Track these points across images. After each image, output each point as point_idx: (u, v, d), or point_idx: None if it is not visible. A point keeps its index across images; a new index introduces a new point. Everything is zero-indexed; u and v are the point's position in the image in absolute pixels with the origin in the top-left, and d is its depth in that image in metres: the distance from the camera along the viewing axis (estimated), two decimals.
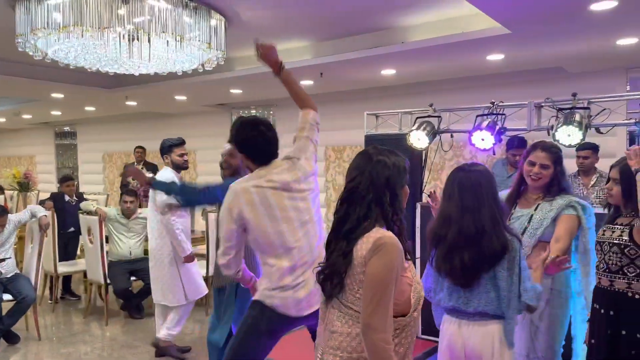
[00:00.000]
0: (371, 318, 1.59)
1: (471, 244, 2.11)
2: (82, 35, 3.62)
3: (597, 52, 4.61)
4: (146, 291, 5.45)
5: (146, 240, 5.70)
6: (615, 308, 2.32)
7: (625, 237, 2.33)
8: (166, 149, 4.22)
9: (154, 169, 7.26)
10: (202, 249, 5.76)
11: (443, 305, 2.28)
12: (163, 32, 3.77)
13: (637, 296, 2.26)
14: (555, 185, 2.71)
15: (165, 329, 4.31)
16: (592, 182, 4.78)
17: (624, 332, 2.26)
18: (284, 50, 5.31)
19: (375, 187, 1.71)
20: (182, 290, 4.25)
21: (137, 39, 3.81)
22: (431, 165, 5.31)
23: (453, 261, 2.14)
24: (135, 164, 7.68)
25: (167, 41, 3.82)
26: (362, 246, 1.66)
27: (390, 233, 1.68)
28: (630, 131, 5.15)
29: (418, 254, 4.63)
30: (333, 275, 1.71)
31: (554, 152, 2.73)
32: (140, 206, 5.77)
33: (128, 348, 4.60)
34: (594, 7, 3.32)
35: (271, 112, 8.11)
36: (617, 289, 2.33)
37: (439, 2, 3.92)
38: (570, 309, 2.76)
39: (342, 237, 1.72)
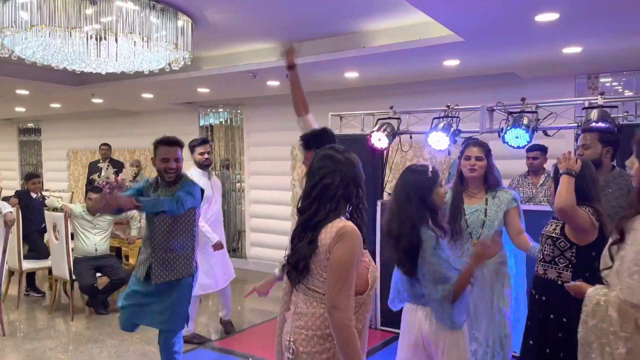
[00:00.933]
0: (336, 299, 1.79)
1: (403, 236, 2.36)
2: (49, 35, 3.68)
3: (546, 60, 4.90)
4: (112, 287, 5.51)
5: (112, 237, 5.78)
6: (547, 294, 2.56)
7: (558, 231, 2.57)
8: (190, 149, 4.66)
9: (120, 166, 7.27)
10: None
11: (405, 294, 2.51)
12: (130, 32, 3.85)
13: (565, 283, 2.50)
14: (490, 176, 3.12)
15: (227, 309, 4.92)
16: (540, 182, 5.09)
17: (552, 316, 2.49)
18: (250, 51, 5.46)
19: (345, 184, 1.92)
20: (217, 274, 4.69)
21: (105, 39, 3.88)
22: (392, 164, 5.53)
23: (398, 251, 2.38)
24: (101, 161, 7.66)
25: (135, 41, 3.90)
26: (326, 235, 1.85)
27: (350, 223, 1.89)
28: (578, 133, 5.48)
29: (379, 249, 4.85)
30: (299, 262, 1.90)
31: (484, 146, 3.17)
32: None
33: (94, 343, 4.67)
34: (539, 18, 3.58)
35: (239, 111, 8.21)
36: (549, 277, 2.57)
37: (399, 10, 4.10)
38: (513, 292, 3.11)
39: (310, 229, 1.90)
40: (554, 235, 2.58)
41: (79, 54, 4.05)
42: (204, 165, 4.70)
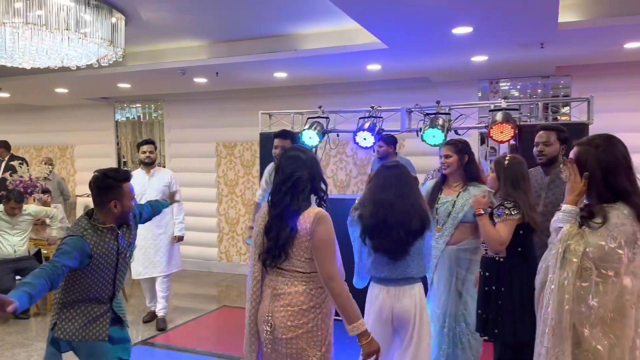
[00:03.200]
0: (331, 271, 2.15)
1: (402, 223, 2.65)
2: None
3: (456, 66, 5.46)
4: None
5: (31, 239, 5.54)
6: (489, 270, 2.95)
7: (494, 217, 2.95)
8: (137, 148, 5.16)
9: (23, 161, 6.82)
10: None
11: (374, 276, 2.78)
12: (61, 28, 3.79)
13: (501, 260, 2.89)
14: (466, 172, 3.38)
15: (164, 302, 5.09)
16: None
17: (493, 288, 2.90)
18: (181, 48, 5.49)
19: (312, 178, 2.26)
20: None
21: (37, 33, 3.78)
22: (320, 160, 5.83)
23: (390, 239, 2.65)
24: None
25: (68, 37, 3.84)
26: (305, 220, 2.17)
27: (321, 209, 2.24)
28: (481, 132, 6.13)
29: None
30: (276, 248, 2.19)
31: (454, 144, 3.44)
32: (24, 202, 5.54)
33: (20, 347, 4.50)
34: (455, 31, 4.04)
35: (160, 107, 8.09)
36: (490, 256, 2.96)
37: (328, 15, 4.38)
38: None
39: (288, 218, 2.20)
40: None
41: (5, 47, 3.90)
42: (145, 163, 4.99)
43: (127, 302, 5.93)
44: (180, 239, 5.18)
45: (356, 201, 2.97)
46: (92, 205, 2.66)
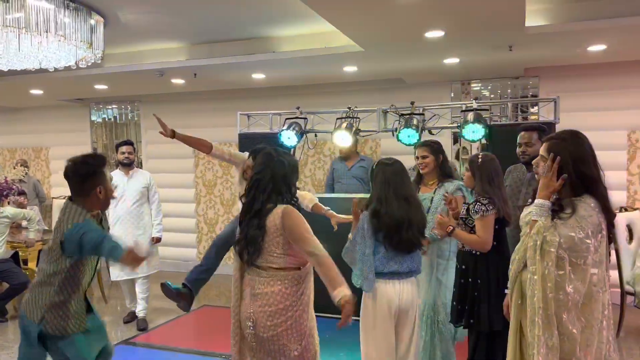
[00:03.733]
0: (311, 246, 2.28)
1: (417, 218, 2.78)
2: None
3: (429, 68, 5.63)
4: (12, 292, 5.27)
5: (7, 243, 5.49)
6: (465, 264, 3.09)
7: (464, 212, 3.11)
8: (115, 149, 5.25)
9: None
10: None
11: (380, 271, 2.81)
12: (40, 30, 3.80)
13: (478, 254, 3.02)
14: (442, 170, 3.58)
15: (144, 303, 5.13)
16: None
17: (470, 280, 3.04)
18: (159, 50, 5.52)
19: (275, 180, 2.38)
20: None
21: (15, 36, 3.79)
22: (300, 161, 5.94)
23: (412, 232, 2.76)
24: None
25: (47, 39, 3.86)
26: (273, 218, 2.30)
27: (287, 205, 2.37)
28: (454, 132, 6.33)
29: None
30: (249, 245, 2.29)
31: (429, 145, 3.64)
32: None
33: (1, 350, 4.48)
34: (428, 35, 4.20)
35: (136, 108, 8.08)
36: (466, 250, 3.10)
37: (306, 18, 4.48)
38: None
39: (253, 216, 2.30)
40: (462, 216, 3.13)
41: None
42: (123, 164, 5.06)
43: (107, 303, 5.94)
44: (158, 240, 5.23)
45: (359, 200, 3.00)
46: None
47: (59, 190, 8.42)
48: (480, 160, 3.10)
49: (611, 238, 2.28)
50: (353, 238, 2.87)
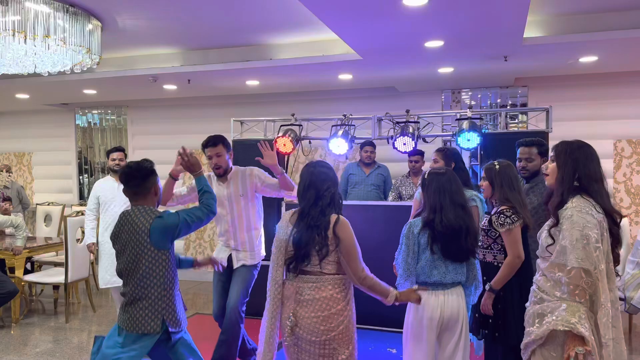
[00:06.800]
0: (360, 270, 2.46)
1: (468, 226, 2.74)
2: None
3: (423, 77, 5.70)
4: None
5: None
6: (487, 275, 3.01)
7: (487, 224, 3.06)
8: (106, 155, 5.06)
9: None
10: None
11: (423, 280, 2.77)
12: (40, 34, 3.74)
13: (499, 265, 2.98)
14: None
15: None
16: (419, 182, 5.88)
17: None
18: (154, 55, 5.47)
19: (322, 191, 2.50)
20: None
21: (13, 40, 3.72)
22: (293, 167, 5.93)
23: (461, 241, 2.72)
24: None
25: (48, 44, 3.79)
26: (330, 225, 2.42)
27: (340, 215, 2.52)
28: (445, 140, 6.41)
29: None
30: (301, 252, 2.42)
31: (443, 151, 3.63)
32: None
33: None
34: (427, 44, 4.25)
35: (123, 113, 7.96)
36: (487, 261, 3.05)
37: (302, 26, 4.50)
38: None
39: (305, 224, 2.45)
40: (484, 227, 3.08)
41: None
42: (114, 170, 4.91)
43: (95, 312, 5.82)
44: None
45: (413, 209, 3.03)
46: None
47: (42, 196, 8.24)
48: (497, 167, 3.05)
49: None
50: (399, 247, 2.86)
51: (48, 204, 7.55)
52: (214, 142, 3.72)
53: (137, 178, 2.70)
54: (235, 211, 3.73)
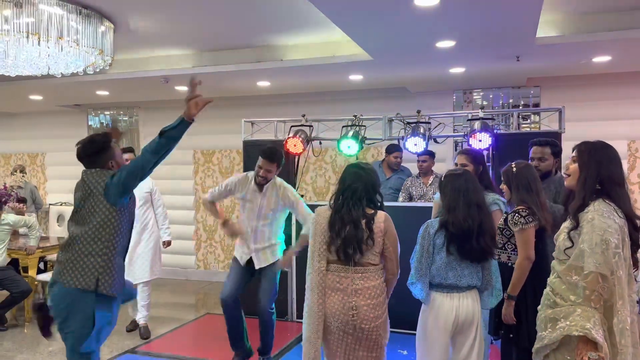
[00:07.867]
0: (396, 269, 2.71)
1: (482, 225, 2.71)
2: None
3: (434, 77, 5.68)
4: (12, 301, 5.19)
5: (9, 249, 5.41)
6: (501, 275, 2.98)
7: (502, 222, 3.03)
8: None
9: None
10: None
11: (438, 282, 2.76)
12: (54, 36, 3.78)
13: (513, 266, 2.92)
14: (480, 181, 3.26)
15: (145, 311, 5.04)
16: (430, 182, 5.84)
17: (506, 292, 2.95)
18: (165, 56, 5.50)
19: (368, 189, 2.68)
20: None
21: (28, 41, 3.76)
22: (303, 168, 5.93)
23: (472, 241, 2.70)
24: None
25: (61, 45, 3.83)
26: (377, 221, 2.64)
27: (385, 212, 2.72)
28: (456, 141, 6.38)
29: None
30: (354, 245, 2.58)
31: (467, 153, 3.54)
32: None
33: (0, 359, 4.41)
34: (439, 44, 4.24)
35: (135, 114, 8.02)
36: (502, 261, 3.02)
37: (311, 27, 4.50)
38: None
39: (354, 220, 2.58)
40: (500, 226, 3.04)
41: None
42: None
43: None
44: (168, 244, 5.22)
45: (433, 210, 3.12)
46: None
47: (55, 196, 8.31)
48: (514, 168, 3.02)
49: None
50: (415, 249, 2.85)
51: (61, 204, 7.63)
52: (271, 159, 3.86)
53: (89, 157, 2.69)
54: (261, 219, 4.02)
